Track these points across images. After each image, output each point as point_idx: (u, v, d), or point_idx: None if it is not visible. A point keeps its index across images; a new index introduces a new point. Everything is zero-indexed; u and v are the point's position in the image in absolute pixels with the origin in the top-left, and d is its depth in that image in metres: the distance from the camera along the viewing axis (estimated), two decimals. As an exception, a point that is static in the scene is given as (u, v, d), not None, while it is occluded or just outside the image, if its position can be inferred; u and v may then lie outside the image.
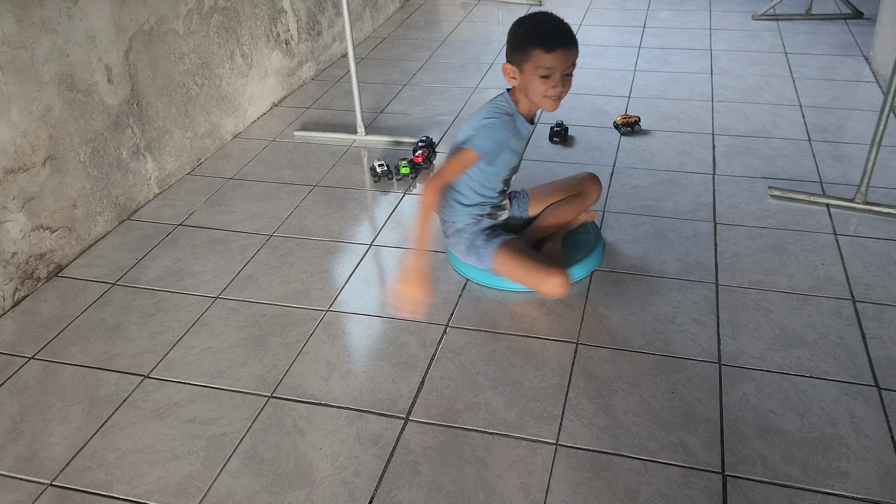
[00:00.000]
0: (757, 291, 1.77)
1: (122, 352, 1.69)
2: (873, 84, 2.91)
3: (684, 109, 2.76)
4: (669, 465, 1.34)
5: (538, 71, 1.62)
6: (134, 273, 1.96)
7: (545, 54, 1.60)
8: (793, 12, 3.74)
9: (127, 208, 2.21)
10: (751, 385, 1.50)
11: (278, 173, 2.44)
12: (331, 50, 3.38)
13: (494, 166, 1.75)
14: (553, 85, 1.62)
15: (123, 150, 2.17)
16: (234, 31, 2.64)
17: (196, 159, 2.50)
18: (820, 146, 2.45)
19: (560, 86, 1.63)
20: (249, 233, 2.11)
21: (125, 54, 2.13)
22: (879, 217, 2.04)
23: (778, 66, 3.12)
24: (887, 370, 1.52)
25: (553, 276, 1.68)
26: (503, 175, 1.80)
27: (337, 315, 1.77)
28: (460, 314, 1.75)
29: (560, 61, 1.60)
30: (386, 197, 2.28)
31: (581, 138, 2.58)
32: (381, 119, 2.82)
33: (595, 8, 4.04)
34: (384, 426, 1.45)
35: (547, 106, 1.67)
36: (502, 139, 1.70)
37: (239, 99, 2.72)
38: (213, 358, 1.65)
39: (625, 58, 3.30)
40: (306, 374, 1.59)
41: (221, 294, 1.86)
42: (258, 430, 1.46)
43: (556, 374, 1.56)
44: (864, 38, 3.34)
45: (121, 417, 1.51)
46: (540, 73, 1.62)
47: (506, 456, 1.38)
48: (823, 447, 1.36)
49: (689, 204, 2.15)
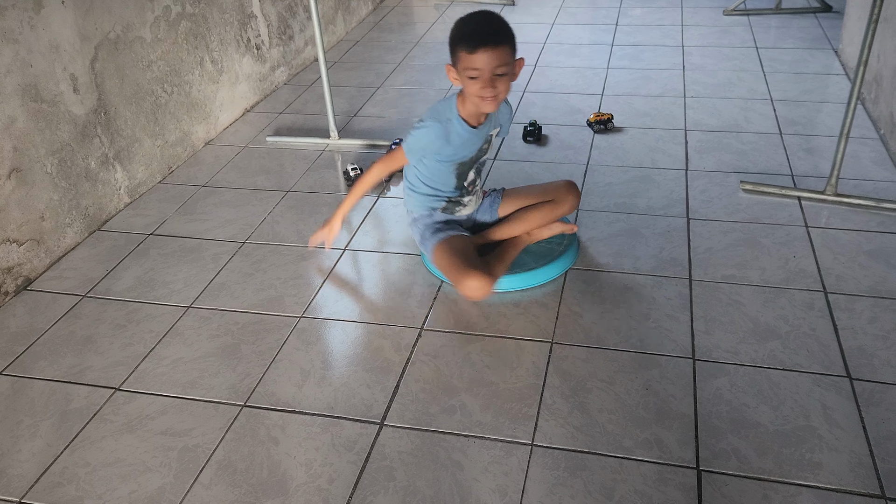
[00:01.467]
0: (730, 286, 1.78)
1: (93, 364, 1.66)
2: (842, 76, 2.94)
3: (657, 106, 2.77)
4: (645, 462, 1.34)
5: (466, 72, 1.60)
6: (104, 284, 1.94)
7: (469, 55, 1.57)
8: (763, 7, 3.77)
9: (97, 219, 2.18)
10: (724, 379, 1.51)
11: (251, 179, 2.42)
12: (303, 54, 3.36)
13: (437, 163, 1.75)
14: (482, 86, 1.59)
15: (92, 160, 2.14)
16: (203, 38, 2.62)
17: (167, 167, 2.48)
18: (791, 139, 2.47)
19: (490, 86, 1.59)
20: (222, 240, 2.09)
21: (91, 63, 2.10)
22: (850, 208, 2.05)
23: (749, 61, 3.14)
24: (859, 360, 1.53)
25: (471, 277, 1.64)
26: (449, 173, 1.78)
27: (311, 321, 1.76)
28: (435, 317, 1.75)
29: (485, 62, 1.56)
30: (360, 201, 2.26)
31: (555, 137, 2.58)
32: (354, 122, 2.81)
33: (568, 6, 4.05)
34: (359, 432, 1.44)
35: (484, 107, 1.65)
36: (426, 144, 1.71)
37: (210, 105, 2.69)
38: (186, 368, 1.63)
39: (598, 56, 3.31)
40: (280, 382, 1.58)
41: (193, 303, 1.84)
42: (231, 440, 1.44)
43: (531, 374, 1.55)
44: (833, 32, 3.38)
45: (91, 431, 1.48)
46: (468, 75, 1.60)
47: (481, 458, 1.37)
48: (797, 439, 1.36)
49: (663, 200, 2.16)
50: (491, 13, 1.63)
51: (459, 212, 1.88)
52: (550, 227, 1.91)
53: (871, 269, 1.81)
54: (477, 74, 1.59)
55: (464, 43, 1.58)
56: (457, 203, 1.86)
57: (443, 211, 1.85)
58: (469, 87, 1.63)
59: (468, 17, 1.63)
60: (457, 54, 1.61)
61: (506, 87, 1.63)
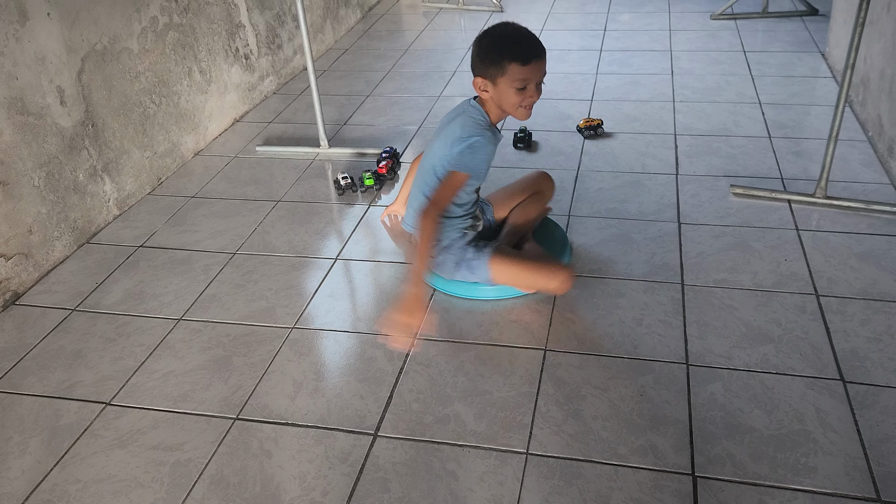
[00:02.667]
0: (722, 290, 1.78)
1: (83, 379, 1.65)
2: (830, 79, 2.96)
3: (646, 111, 2.78)
4: (640, 469, 1.34)
5: (514, 84, 1.62)
6: (94, 298, 1.92)
7: (521, 67, 1.60)
8: (750, 11, 3.79)
9: (86, 232, 2.17)
10: (718, 384, 1.51)
11: (241, 190, 2.41)
12: (292, 63, 3.36)
13: (472, 180, 1.74)
14: (529, 95, 1.64)
15: (80, 172, 2.13)
16: (190, 48, 2.61)
17: (156, 179, 2.46)
18: (780, 142, 2.48)
19: (536, 95, 1.65)
20: (212, 251, 2.08)
21: (78, 75, 2.09)
22: (840, 211, 2.06)
23: (737, 65, 3.16)
24: (852, 363, 1.53)
25: (557, 272, 1.72)
26: (479, 184, 1.82)
27: (303, 332, 1.75)
28: (428, 325, 1.74)
29: (535, 73, 1.62)
30: (351, 209, 2.26)
31: (545, 143, 2.58)
32: (344, 131, 2.81)
33: (556, 12, 4.06)
34: (353, 443, 1.43)
35: (521, 115, 1.68)
36: (488, 156, 1.71)
37: (199, 116, 2.68)
38: (177, 381, 1.62)
39: (587, 61, 3.32)
40: (272, 394, 1.57)
41: (184, 315, 1.83)
42: (224, 453, 1.43)
43: (524, 382, 1.55)
44: (820, 35, 3.39)
45: (82, 447, 1.47)
46: (516, 86, 1.62)
47: (476, 468, 1.36)
48: (791, 443, 1.36)
49: (654, 205, 2.16)
50: (521, 25, 1.66)
51: (479, 225, 1.88)
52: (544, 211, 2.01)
53: (862, 271, 1.81)
54: (525, 84, 1.62)
55: (517, 55, 1.60)
56: (476, 218, 1.87)
57: (471, 228, 1.84)
58: (513, 98, 1.64)
59: (505, 29, 1.65)
60: (503, 66, 1.61)
61: (540, 94, 1.67)
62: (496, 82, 1.64)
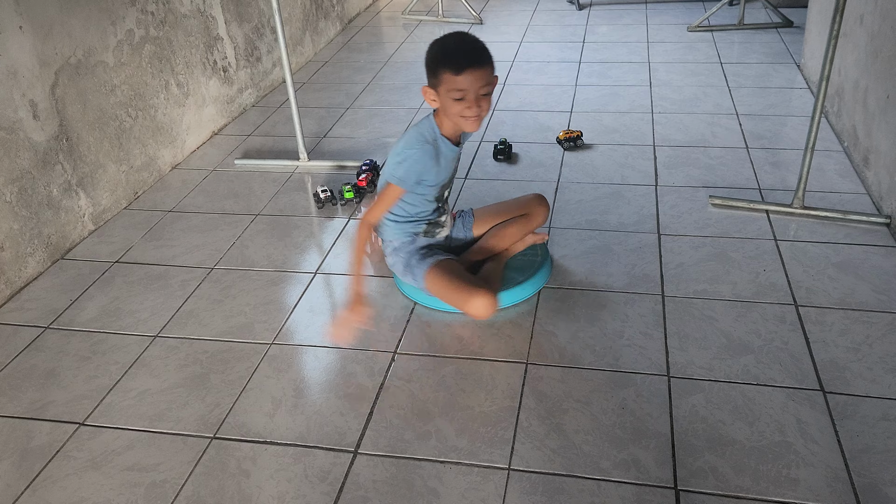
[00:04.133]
0: (702, 301, 1.78)
1: (56, 399, 1.61)
2: (805, 90, 2.99)
3: (625, 122, 2.79)
4: (623, 484, 1.33)
5: (451, 94, 1.60)
6: (68, 315, 1.89)
7: (455, 77, 1.58)
8: (726, 23, 3.83)
9: (60, 247, 2.13)
10: (700, 396, 1.50)
11: (219, 203, 2.39)
12: (271, 76, 3.34)
13: (421, 187, 1.74)
14: (467, 106, 1.60)
15: (54, 187, 2.09)
16: (167, 61, 2.58)
17: (133, 193, 2.43)
18: (757, 153, 2.50)
19: (475, 106, 1.60)
20: (190, 267, 2.05)
21: (51, 89, 2.06)
22: (817, 221, 2.08)
23: (714, 76, 3.18)
24: (831, 373, 1.54)
25: (477, 296, 1.65)
26: (431, 194, 1.78)
27: (282, 348, 1.73)
28: (408, 340, 1.72)
29: (471, 82, 1.58)
30: (331, 223, 2.25)
31: (525, 155, 2.58)
32: (324, 144, 2.79)
33: (535, 24, 4.08)
34: (332, 461, 1.41)
35: (467, 126, 1.66)
36: (420, 169, 1.68)
37: (176, 129, 2.65)
38: (153, 400, 1.59)
39: (566, 73, 3.33)
40: (251, 412, 1.54)
41: (161, 332, 1.80)
42: (200, 473, 1.40)
43: (506, 397, 1.54)
44: (795, 46, 3.44)
45: (54, 469, 1.43)
46: (453, 96, 1.60)
47: (458, 484, 1.35)
48: (773, 455, 1.36)
49: (633, 216, 2.16)
50: (468, 34, 1.65)
51: (439, 234, 1.87)
52: (524, 239, 1.93)
53: (840, 281, 1.82)
54: (462, 95, 1.59)
55: (448, 64, 1.58)
56: (436, 225, 1.84)
57: (424, 235, 1.83)
58: (453, 108, 1.62)
59: (447, 38, 1.64)
60: (440, 76, 1.60)
61: (488, 105, 1.63)
62: (438, 91, 1.63)
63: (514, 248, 1.93)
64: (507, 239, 1.89)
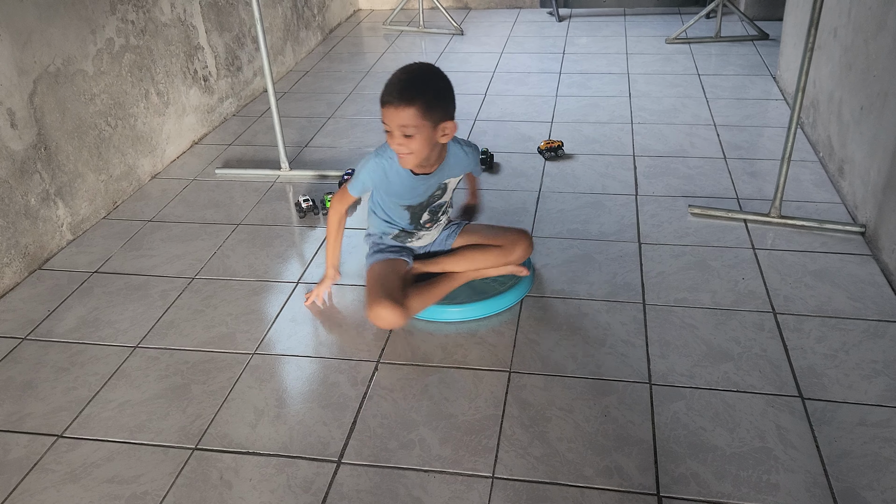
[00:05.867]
0: (682, 309, 1.80)
1: (33, 411, 1.59)
2: (781, 101, 3.04)
3: (605, 132, 2.82)
4: (606, 491, 1.33)
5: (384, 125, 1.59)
6: (46, 326, 1.86)
7: (382, 108, 1.56)
8: (703, 35, 3.89)
9: (38, 257, 2.10)
10: (681, 403, 1.52)
11: (200, 213, 2.37)
12: (252, 85, 3.33)
13: (388, 198, 1.75)
14: (391, 139, 1.58)
15: (31, 196, 2.07)
16: (147, 70, 2.57)
17: (112, 202, 2.41)
18: (735, 163, 2.53)
19: (399, 142, 1.56)
20: (170, 277, 2.04)
21: (29, 97, 2.04)
22: (794, 230, 2.11)
23: (692, 88, 3.23)
24: (810, 380, 1.56)
25: (379, 306, 1.66)
26: (401, 210, 1.77)
27: (264, 358, 1.72)
28: (391, 349, 1.72)
29: (390, 118, 1.54)
30: (312, 232, 2.24)
31: (507, 165, 2.60)
32: (305, 153, 2.79)
33: (516, 36, 4.11)
34: (315, 471, 1.40)
35: (401, 161, 1.62)
36: (365, 179, 1.71)
37: (156, 138, 2.64)
38: (133, 412, 1.57)
39: (546, 84, 3.36)
40: (233, 423, 1.53)
41: (140, 343, 1.78)
42: (182, 485, 1.39)
43: (489, 405, 1.54)
44: (771, 59, 3.50)
45: (31, 483, 1.41)
46: (384, 127, 1.59)
47: (442, 493, 1.34)
48: (754, 461, 1.37)
49: (614, 225, 2.18)
50: (417, 70, 1.58)
51: (412, 242, 1.87)
52: (502, 268, 1.87)
53: (817, 289, 1.85)
54: (387, 129, 1.57)
55: (381, 96, 1.56)
56: (409, 235, 1.84)
57: (394, 238, 1.84)
58: (388, 139, 1.61)
59: (401, 68, 1.59)
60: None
61: (420, 146, 1.57)
62: None
63: (487, 271, 1.87)
64: (472, 263, 1.85)
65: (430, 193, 1.76)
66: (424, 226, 1.83)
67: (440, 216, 1.85)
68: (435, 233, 1.89)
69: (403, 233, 1.83)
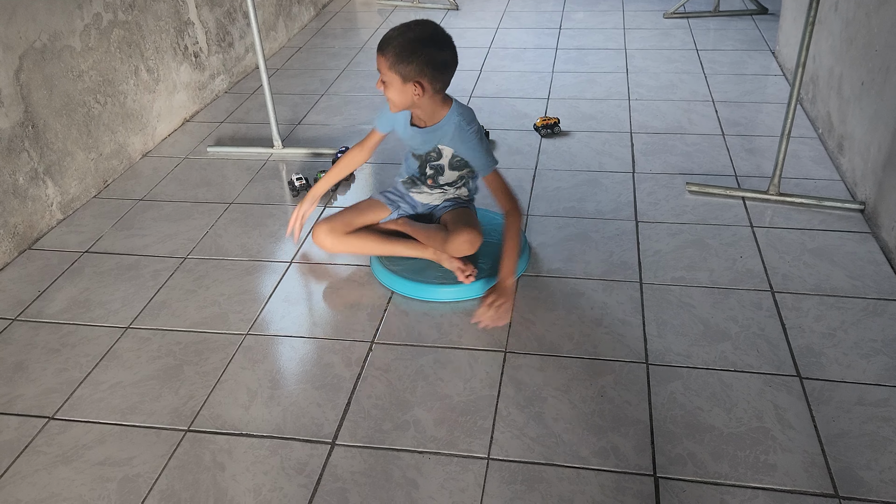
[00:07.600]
0: (680, 288, 1.78)
1: (24, 393, 1.57)
2: (780, 77, 3.01)
3: (602, 109, 2.79)
4: (602, 472, 1.32)
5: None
6: (36, 306, 1.84)
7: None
8: (702, 10, 3.83)
9: (27, 237, 2.07)
10: (678, 383, 1.50)
11: (192, 192, 2.34)
12: (244, 61, 3.28)
13: (402, 140, 1.87)
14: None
15: (20, 175, 2.03)
16: (137, 46, 2.52)
17: (102, 181, 2.38)
18: (733, 140, 2.50)
19: (379, 87, 1.70)
20: (162, 256, 2.01)
21: (15, 74, 2.00)
22: (792, 207, 2.09)
23: (690, 63, 3.19)
24: (808, 359, 1.55)
25: (319, 223, 1.88)
26: (409, 155, 1.88)
27: (257, 338, 1.70)
28: (386, 329, 1.70)
29: (378, 64, 1.68)
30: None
31: (502, 142, 2.57)
32: (298, 131, 2.75)
33: (511, 11, 4.05)
34: (309, 453, 1.39)
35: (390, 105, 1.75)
36: (382, 117, 1.86)
37: (147, 116, 2.60)
38: (125, 393, 1.56)
39: (542, 59, 3.31)
40: (225, 404, 1.52)
41: (132, 323, 1.76)
42: (174, 467, 1.38)
43: (485, 386, 1.53)
44: (770, 33, 3.45)
45: (23, 465, 1.40)
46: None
47: (437, 475, 1.33)
48: (751, 441, 1.37)
49: (611, 203, 2.16)
50: (407, 25, 1.68)
51: (416, 194, 1.93)
52: (450, 259, 1.80)
53: (816, 267, 1.83)
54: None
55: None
56: (413, 183, 1.91)
57: (404, 183, 1.94)
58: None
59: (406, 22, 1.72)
60: None
61: (393, 96, 1.68)
62: None
63: (439, 257, 1.83)
64: (416, 233, 1.87)
65: (427, 150, 1.82)
66: (426, 181, 1.87)
67: (442, 183, 1.86)
68: (435, 197, 1.90)
69: (410, 179, 1.92)
